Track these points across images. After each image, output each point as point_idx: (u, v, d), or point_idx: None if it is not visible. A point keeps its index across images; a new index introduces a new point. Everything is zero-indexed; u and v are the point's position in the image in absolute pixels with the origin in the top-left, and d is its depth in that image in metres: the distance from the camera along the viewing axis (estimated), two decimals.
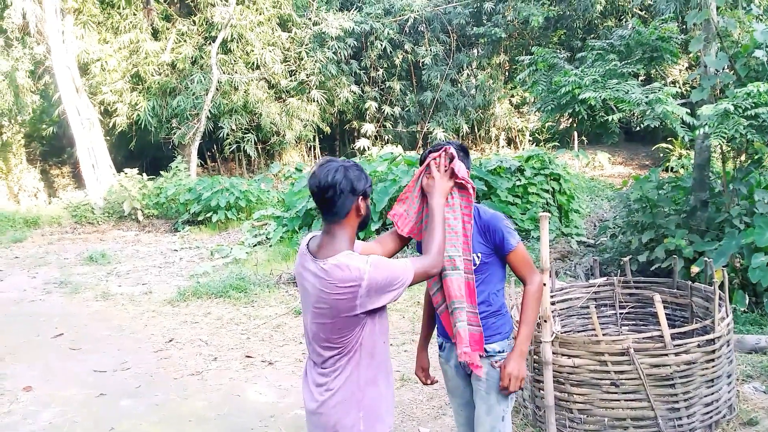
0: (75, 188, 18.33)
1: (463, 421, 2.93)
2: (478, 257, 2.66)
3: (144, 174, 14.62)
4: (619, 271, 6.35)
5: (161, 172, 14.75)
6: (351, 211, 2.26)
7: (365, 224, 2.38)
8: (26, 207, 16.04)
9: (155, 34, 17.05)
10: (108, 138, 16.50)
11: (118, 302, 7.70)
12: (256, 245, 10.20)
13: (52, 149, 19.90)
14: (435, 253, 2.35)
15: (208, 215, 12.29)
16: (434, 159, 2.57)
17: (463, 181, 2.55)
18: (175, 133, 16.48)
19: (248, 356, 5.73)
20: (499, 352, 2.71)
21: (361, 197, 2.27)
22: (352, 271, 2.14)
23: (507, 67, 19.24)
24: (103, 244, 11.56)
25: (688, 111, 5.53)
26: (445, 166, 2.55)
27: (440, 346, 2.88)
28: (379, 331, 2.31)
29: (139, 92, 16.77)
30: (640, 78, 9.42)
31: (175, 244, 11.21)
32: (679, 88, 12.68)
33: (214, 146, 18.65)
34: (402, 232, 2.60)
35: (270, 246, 9.93)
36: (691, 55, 11.34)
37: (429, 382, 2.95)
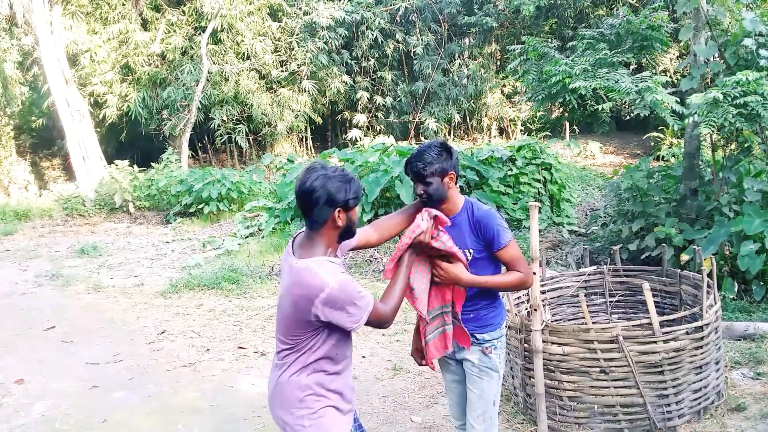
0: (66, 180, 18.22)
1: (456, 399, 2.99)
2: (470, 253, 2.70)
3: (135, 166, 14.53)
4: (609, 259, 6.39)
5: (152, 164, 14.68)
6: (327, 221, 2.25)
7: (348, 234, 2.35)
8: (17, 199, 15.92)
9: (144, 25, 16.93)
10: (98, 130, 16.39)
11: (110, 294, 7.68)
12: (248, 236, 10.18)
13: (42, 141, 19.74)
14: (390, 309, 2.35)
15: (200, 207, 12.26)
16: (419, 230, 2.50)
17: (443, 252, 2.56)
18: (165, 125, 16.40)
19: (240, 347, 5.74)
20: (489, 340, 2.78)
21: (340, 209, 2.24)
22: (316, 279, 2.17)
23: (498, 57, 19.23)
24: (94, 236, 11.51)
25: (678, 100, 5.55)
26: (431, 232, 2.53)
27: None
28: (335, 355, 2.31)
29: (129, 83, 16.66)
30: (631, 67, 9.46)
31: (166, 236, 11.17)
32: (670, 76, 12.75)
33: (206, 137, 18.57)
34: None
35: (262, 237, 9.91)
36: (681, 43, 11.36)
37: (423, 363, 2.98)
